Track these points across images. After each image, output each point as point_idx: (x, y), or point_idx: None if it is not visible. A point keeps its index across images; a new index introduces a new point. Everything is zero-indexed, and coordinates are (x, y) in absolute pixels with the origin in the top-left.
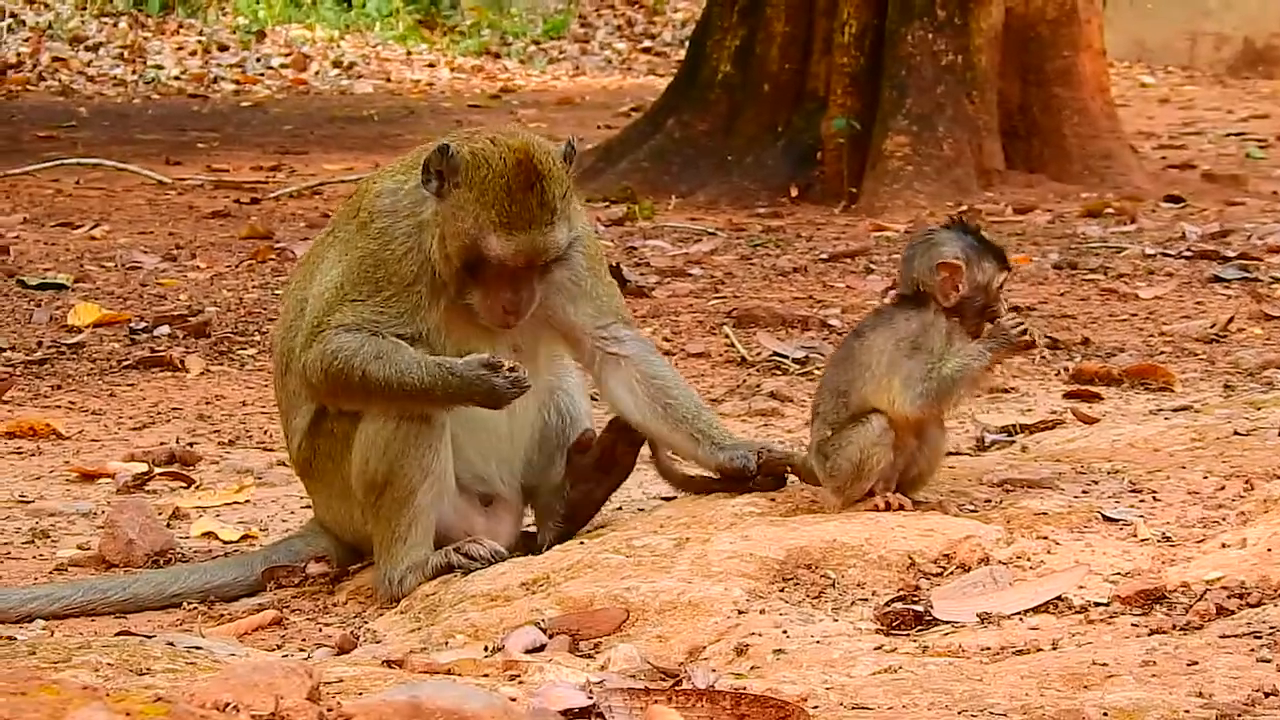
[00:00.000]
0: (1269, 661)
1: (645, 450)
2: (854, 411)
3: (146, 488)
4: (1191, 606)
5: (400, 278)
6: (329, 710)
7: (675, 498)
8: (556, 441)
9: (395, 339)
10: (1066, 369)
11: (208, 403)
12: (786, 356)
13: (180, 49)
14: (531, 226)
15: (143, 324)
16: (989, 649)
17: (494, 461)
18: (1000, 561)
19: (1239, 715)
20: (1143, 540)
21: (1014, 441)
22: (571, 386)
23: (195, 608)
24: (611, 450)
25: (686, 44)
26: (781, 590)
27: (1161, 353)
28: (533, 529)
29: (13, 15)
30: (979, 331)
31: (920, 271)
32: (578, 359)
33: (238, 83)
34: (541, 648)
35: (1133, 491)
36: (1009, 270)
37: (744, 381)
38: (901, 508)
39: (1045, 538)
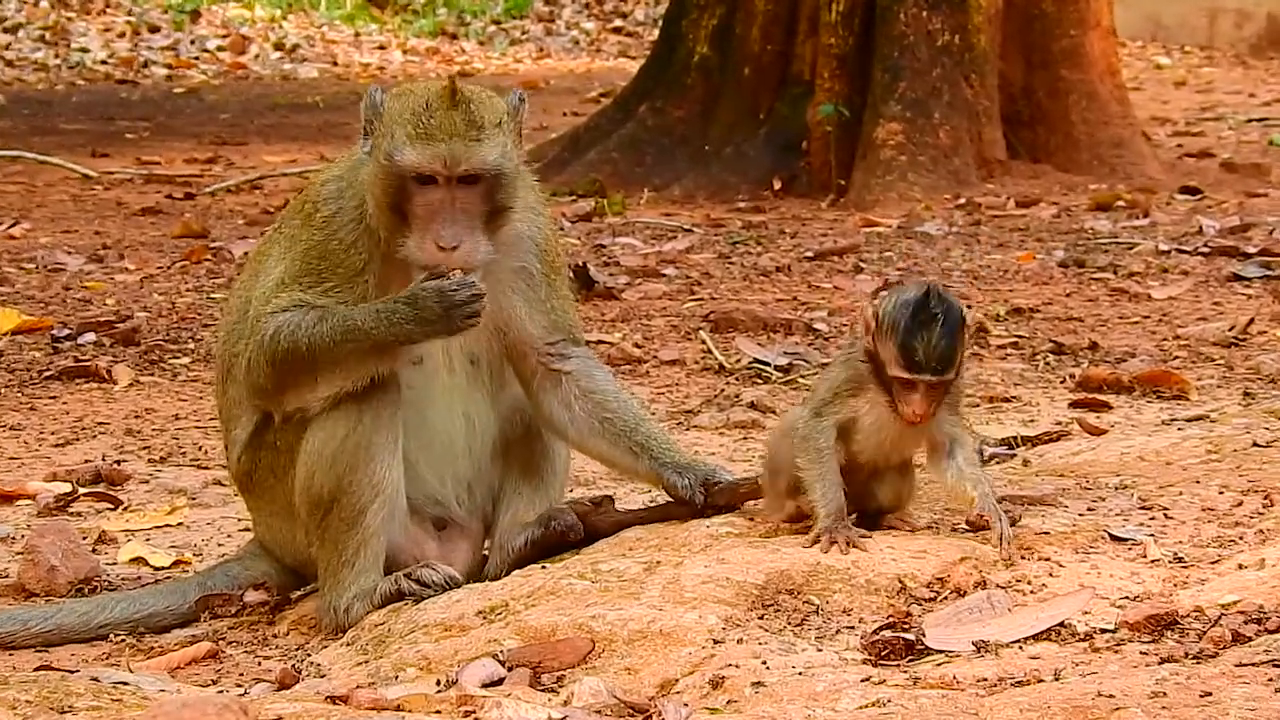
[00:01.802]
0: None
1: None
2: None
3: (70, 509)
4: (1205, 633)
5: (346, 268)
6: None
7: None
8: (526, 469)
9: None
10: (1072, 376)
11: (137, 416)
12: (768, 363)
13: (107, 30)
14: (452, 138)
15: (66, 331)
16: (986, 680)
17: (450, 481)
18: (998, 585)
19: None
20: (1153, 561)
21: (1015, 454)
22: None
23: (123, 640)
24: (586, 541)
25: (660, 23)
26: (761, 618)
27: (1176, 358)
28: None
29: None
30: (898, 409)
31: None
32: (519, 374)
33: (170, 67)
34: (500, 681)
35: (1143, 509)
36: (913, 374)
37: (722, 391)
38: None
39: (1047, 559)
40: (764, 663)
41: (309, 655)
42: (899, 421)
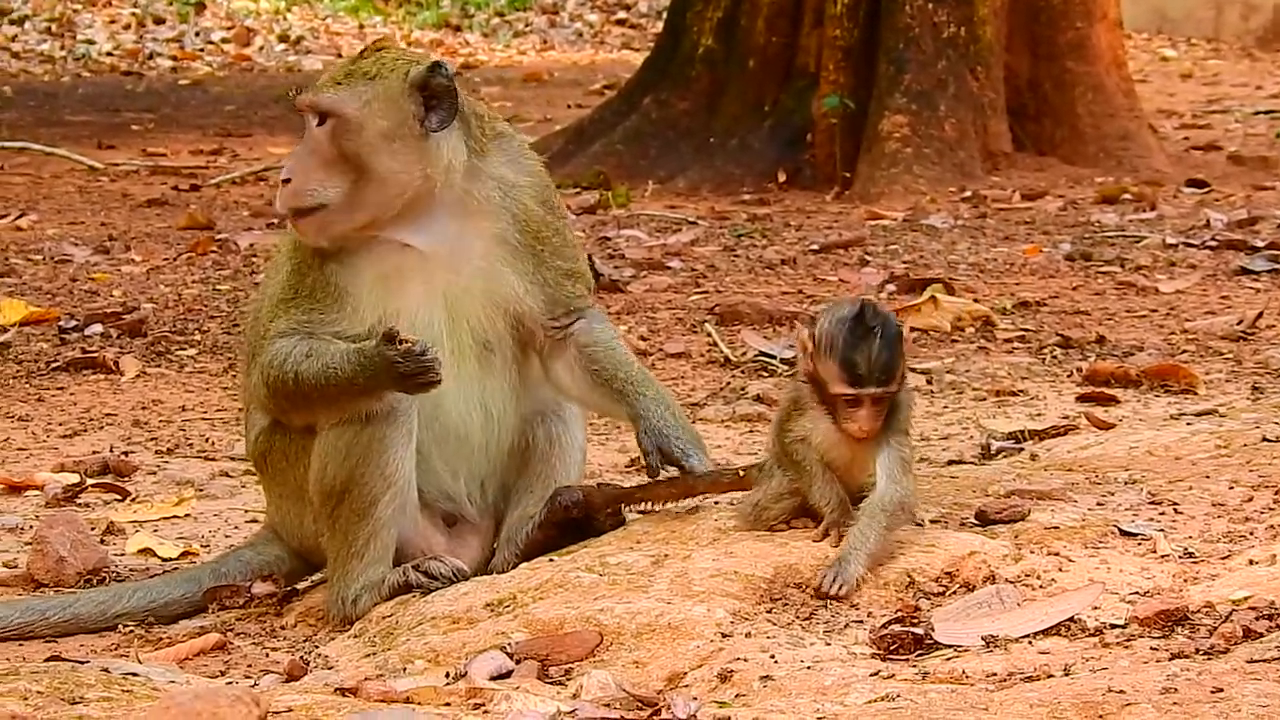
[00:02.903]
0: None
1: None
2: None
3: (78, 500)
4: (1216, 629)
5: (312, 260)
6: None
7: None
8: (540, 469)
9: (330, 338)
10: (1080, 370)
11: (144, 408)
12: (774, 357)
13: (113, 22)
14: (324, 77)
15: (73, 322)
16: (995, 675)
17: (463, 478)
18: (1007, 580)
19: None
20: (1163, 556)
21: (1023, 449)
22: (567, 415)
23: (131, 631)
24: (587, 520)
25: (664, 15)
26: (769, 611)
27: (1184, 352)
28: None
29: None
30: (843, 426)
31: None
32: (533, 349)
33: (175, 59)
34: (508, 674)
35: (1152, 503)
36: (856, 389)
37: (727, 384)
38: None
39: (1057, 554)
40: (772, 657)
41: (317, 647)
42: (847, 441)
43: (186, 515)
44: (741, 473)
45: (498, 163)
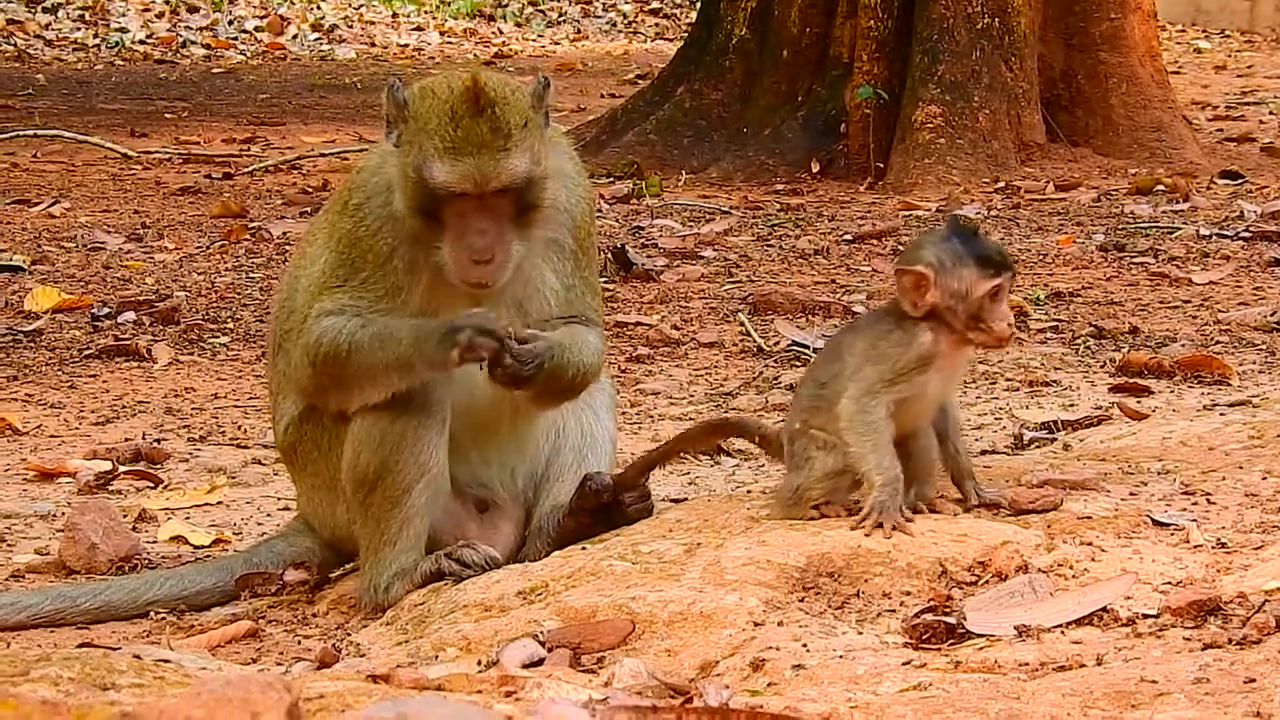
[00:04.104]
0: None
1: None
2: (829, 405)
3: (110, 487)
4: (1249, 619)
5: (376, 254)
6: None
7: (685, 499)
8: (571, 459)
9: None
10: (1113, 360)
11: (176, 395)
12: (806, 346)
13: (146, 10)
14: (481, 151)
15: (106, 310)
16: (1027, 665)
17: (494, 465)
18: (1040, 569)
19: None
20: (1196, 547)
21: (1056, 439)
22: (598, 405)
23: (164, 618)
24: (620, 504)
25: (698, 5)
26: (801, 600)
27: (1217, 342)
28: None
29: None
30: (967, 341)
31: (894, 276)
32: None
33: (209, 47)
34: (540, 662)
35: (1185, 494)
36: (999, 277)
37: (760, 373)
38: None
39: (1089, 544)
40: (804, 645)
41: (349, 634)
42: (948, 379)
43: (219, 503)
44: None
45: (560, 161)
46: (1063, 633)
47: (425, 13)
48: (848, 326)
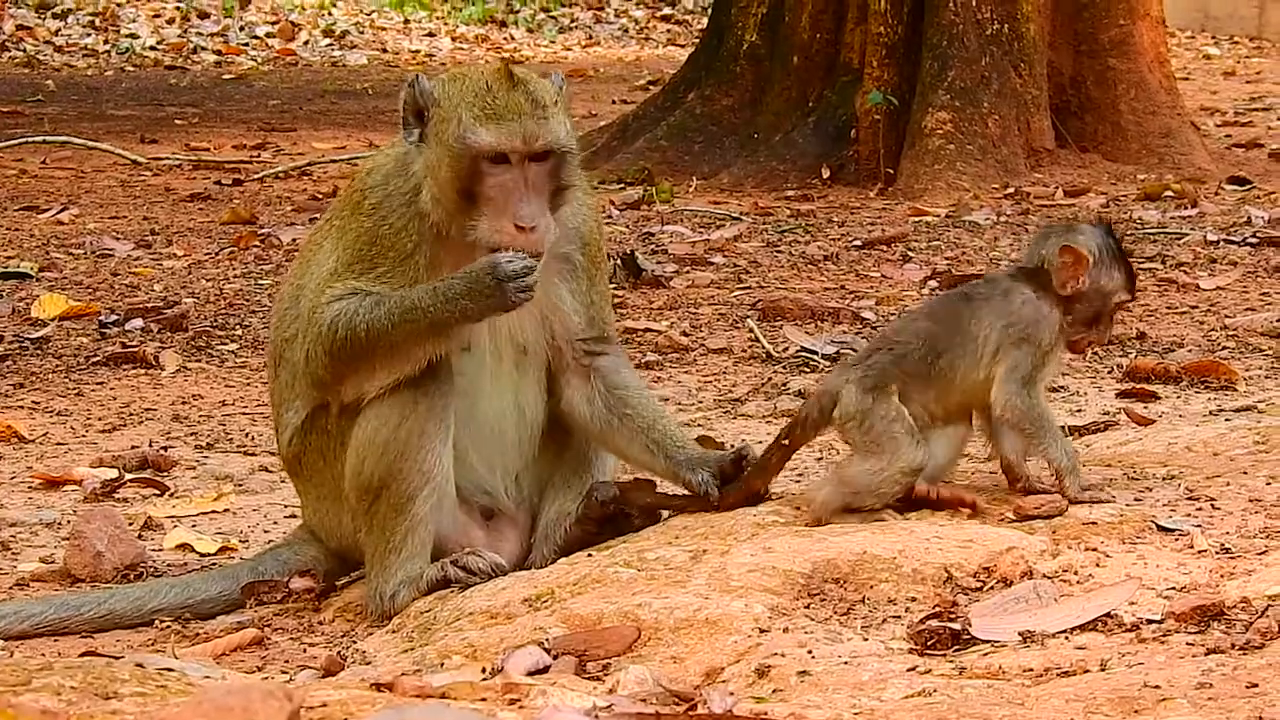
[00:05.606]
0: None
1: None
2: (939, 374)
3: (116, 495)
4: (1252, 624)
5: (397, 251)
6: None
7: None
8: (575, 466)
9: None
10: (1120, 366)
11: (184, 403)
12: (816, 352)
13: (157, 16)
14: (521, 116)
15: (114, 317)
16: (1032, 670)
17: (499, 472)
18: (1045, 575)
19: None
20: (1200, 552)
21: None
22: None
23: (168, 626)
24: (623, 515)
25: (709, 11)
26: (807, 607)
27: (1224, 348)
28: None
29: None
30: (1081, 344)
31: (1050, 250)
32: (552, 366)
33: (219, 53)
34: (545, 669)
35: (1190, 499)
36: (1132, 295)
37: (769, 380)
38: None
39: (1094, 549)
40: (810, 652)
41: (354, 642)
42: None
43: (225, 510)
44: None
45: None
46: (1067, 638)
47: (437, 18)
48: (957, 295)
